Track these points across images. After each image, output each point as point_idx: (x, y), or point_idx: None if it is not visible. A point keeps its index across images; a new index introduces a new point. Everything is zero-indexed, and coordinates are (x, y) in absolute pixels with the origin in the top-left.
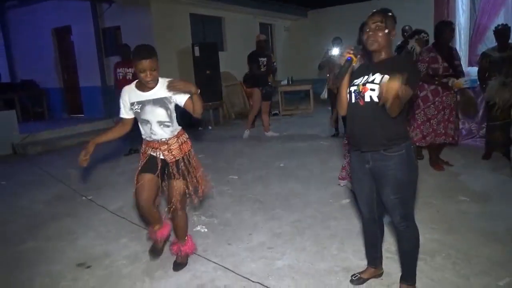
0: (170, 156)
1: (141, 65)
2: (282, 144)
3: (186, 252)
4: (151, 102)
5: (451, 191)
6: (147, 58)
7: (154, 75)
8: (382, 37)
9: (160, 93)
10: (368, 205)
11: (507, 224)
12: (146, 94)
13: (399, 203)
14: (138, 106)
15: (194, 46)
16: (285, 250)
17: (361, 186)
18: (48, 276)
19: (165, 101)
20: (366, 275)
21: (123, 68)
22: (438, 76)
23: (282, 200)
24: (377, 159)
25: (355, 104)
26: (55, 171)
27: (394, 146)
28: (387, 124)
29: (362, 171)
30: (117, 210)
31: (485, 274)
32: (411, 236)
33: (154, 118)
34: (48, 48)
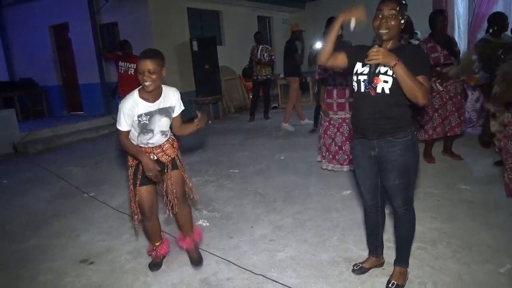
0: (165, 156)
1: (141, 64)
2: (282, 137)
3: (196, 243)
4: (157, 112)
5: (451, 180)
6: (147, 58)
7: (152, 79)
8: (395, 26)
9: (166, 102)
10: (371, 192)
11: (508, 212)
12: (153, 104)
13: (403, 188)
14: (147, 117)
15: (193, 40)
16: (286, 242)
17: (365, 173)
18: (52, 273)
19: (169, 111)
20: (368, 264)
21: (125, 63)
22: (440, 65)
23: (283, 192)
24: (383, 145)
25: (364, 93)
26: (56, 169)
27: (401, 132)
28: (396, 113)
29: (367, 158)
30: (119, 206)
31: (486, 262)
32: (409, 220)
33: (159, 128)
34: (45, 46)
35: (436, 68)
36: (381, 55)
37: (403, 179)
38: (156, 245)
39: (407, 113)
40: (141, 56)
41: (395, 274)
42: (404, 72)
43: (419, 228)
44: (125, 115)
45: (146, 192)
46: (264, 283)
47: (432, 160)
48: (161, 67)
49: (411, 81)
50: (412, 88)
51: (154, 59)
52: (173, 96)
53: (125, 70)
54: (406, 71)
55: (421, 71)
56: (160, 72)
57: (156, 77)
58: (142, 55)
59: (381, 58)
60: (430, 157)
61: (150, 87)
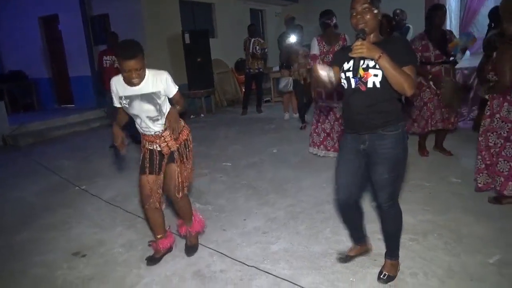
0: (166, 149)
1: (125, 65)
2: (274, 131)
3: (196, 231)
4: (139, 98)
5: (443, 173)
6: (131, 58)
7: (139, 74)
8: (371, 19)
9: (147, 88)
10: (349, 187)
11: (497, 204)
12: (134, 89)
13: (391, 182)
14: (126, 101)
15: (185, 33)
16: (279, 234)
17: (349, 167)
18: (44, 266)
19: (153, 96)
20: (353, 252)
21: (110, 56)
22: (431, 64)
23: (275, 185)
24: (374, 139)
25: (354, 89)
26: (47, 162)
27: (391, 126)
28: (387, 106)
29: (355, 152)
30: (111, 199)
31: (477, 252)
32: (394, 216)
33: (143, 113)
34: (35, 38)
35: (427, 66)
36: (365, 48)
37: (392, 173)
38: (158, 237)
39: (397, 106)
40: (122, 56)
41: (386, 266)
42: (389, 64)
43: (411, 220)
44: (113, 94)
45: (145, 181)
46: (257, 275)
47: (425, 153)
48: (144, 59)
49: (397, 73)
50: (398, 79)
51: (137, 56)
52: (157, 81)
53: (110, 64)
54: (391, 63)
55: (406, 61)
56: (144, 64)
57: (143, 71)
58: (124, 55)
59: (365, 51)
60: (424, 150)
61: (137, 82)
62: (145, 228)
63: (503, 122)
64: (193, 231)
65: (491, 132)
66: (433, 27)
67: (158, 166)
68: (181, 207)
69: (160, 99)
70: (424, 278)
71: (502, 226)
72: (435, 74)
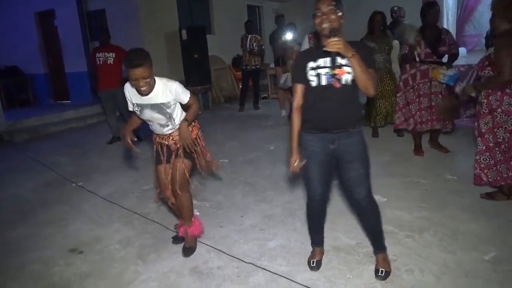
0: (173, 145)
1: (132, 73)
2: (271, 127)
3: (194, 235)
4: (149, 107)
5: (439, 170)
6: (137, 67)
7: (147, 83)
8: (336, 20)
9: (157, 98)
10: (322, 186)
11: (493, 201)
12: (144, 98)
13: (366, 176)
14: (138, 108)
15: (182, 29)
16: (276, 231)
17: (321, 168)
18: (40, 262)
19: (163, 107)
20: (318, 256)
21: (103, 53)
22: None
23: (273, 182)
24: (342, 137)
25: (326, 87)
26: (43, 158)
27: (357, 123)
28: (355, 104)
29: (326, 152)
30: (108, 195)
31: (472, 249)
32: (375, 209)
33: (155, 120)
34: (31, 33)
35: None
36: (342, 44)
37: (367, 167)
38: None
39: (360, 103)
40: (129, 65)
41: (381, 261)
42: (360, 64)
43: (407, 217)
44: (127, 99)
45: (161, 170)
46: (254, 271)
47: (420, 153)
48: (152, 67)
49: (366, 73)
50: (366, 80)
51: (145, 64)
52: (167, 92)
53: (104, 61)
54: (361, 62)
55: (369, 64)
56: (152, 72)
57: (151, 79)
58: (131, 63)
59: (342, 47)
60: (419, 149)
61: (146, 91)
62: (142, 224)
63: (506, 116)
64: (191, 233)
65: (497, 128)
66: (426, 25)
67: (168, 158)
68: (182, 204)
69: (170, 108)
70: (420, 274)
71: (498, 224)
72: (423, 73)
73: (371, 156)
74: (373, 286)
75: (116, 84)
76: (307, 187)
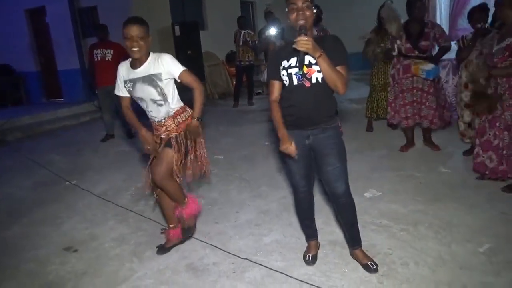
0: (166, 135)
1: (127, 30)
2: (266, 123)
3: (190, 214)
4: (141, 80)
5: (433, 163)
6: (134, 23)
7: (140, 45)
8: (310, 16)
9: (149, 70)
10: (305, 178)
11: (487, 193)
12: (137, 71)
13: (343, 170)
14: (130, 84)
15: (175, 25)
16: (272, 226)
17: (301, 162)
18: (35, 261)
19: (154, 78)
20: (314, 251)
21: (101, 49)
22: (402, 55)
23: (268, 177)
24: (317, 133)
25: (297, 86)
26: (37, 157)
27: (331, 119)
28: (329, 102)
29: (302, 147)
30: (102, 193)
31: (466, 241)
32: (352, 204)
33: (147, 96)
34: (22, 31)
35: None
36: (311, 44)
37: (343, 161)
38: (170, 226)
39: (333, 99)
40: (127, 22)
41: (364, 256)
42: (327, 63)
43: (402, 210)
44: (119, 79)
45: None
46: (250, 267)
47: (403, 148)
48: (147, 34)
49: (333, 72)
50: (333, 78)
51: (141, 25)
52: (158, 63)
53: (101, 57)
54: (328, 62)
55: (340, 61)
56: (147, 38)
57: (144, 44)
58: (128, 21)
59: (311, 47)
60: (405, 146)
61: (137, 54)
62: (137, 222)
63: None
64: (187, 214)
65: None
66: (412, 18)
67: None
68: (169, 192)
69: (162, 81)
70: (415, 267)
71: (492, 216)
72: (404, 68)
73: (365, 150)
74: (369, 279)
75: (113, 80)
76: (291, 182)
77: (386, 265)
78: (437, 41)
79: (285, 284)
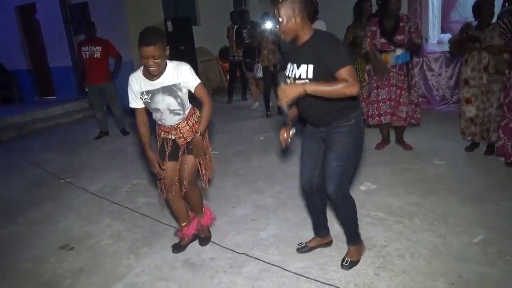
0: (181, 139)
1: (143, 51)
2: (261, 118)
3: (207, 224)
4: (160, 91)
5: (427, 156)
6: (149, 45)
7: (157, 64)
8: (292, 26)
9: (169, 80)
10: (308, 173)
11: (480, 185)
12: (155, 83)
13: (338, 171)
14: (148, 95)
15: (167, 21)
16: (268, 221)
17: (311, 153)
18: (31, 260)
19: (174, 89)
20: (312, 243)
21: (89, 47)
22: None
23: (263, 173)
24: (329, 129)
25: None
26: (31, 156)
27: (343, 117)
28: (331, 106)
29: (316, 138)
30: (97, 191)
31: (461, 233)
32: (345, 206)
33: (165, 107)
34: (12, 28)
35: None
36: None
37: (340, 161)
38: (182, 225)
39: (343, 102)
40: (143, 42)
41: (349, 252)
42: (317, 89)
43: (397, 203)
44: (132, 92)
45: (168, 168)
46: (247, 261)
47: (379, 146)
48: (165, 48)
49: (329, 90)
50: (334, 95)
51: (158, 43)
52: (177, 73)
53: (90, 55)
54: (317, 87)
55: (341, 64)
56: (164, 54)
57: (161, 61)
58: (144, 41)
59: (288, 96)
60: (380, 143)
61: (155, 72)
62: (133, 218)
63: None
64: (204, 222)
65: None
66: (386, 14)
67: (174, 154)
68: (192, 199)
69: (182, 91)
70: (411, 259)
71: (485, 207)
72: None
73: None
74: (365, 272)
75: (103, 78)
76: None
77: (382, 257)
78: (411, 35)
79: (282, 278)
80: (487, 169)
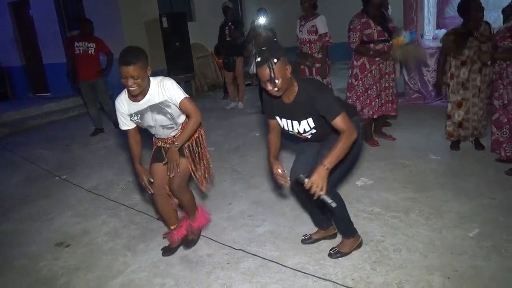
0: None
1: (122, 71)
2: (256, 114)
3: (199, 226)
4: (149, 110)
5: (422, 151)
6: (128, 64)
7: (138, 83)
8: (280, 84)
9: (154, 98)
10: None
11: (475, 180)
12: (141, 103)
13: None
14: (137, 116)
15: (162, 17)
16: (265, 217)
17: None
18: (27, 257)
19: (162, 106)
20: (316, 236)
21: (84, 42)
22: (374, 42)
23: (259, 168)
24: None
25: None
26: (25, 153)
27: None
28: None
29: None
30: (93, 188)
31: (456, 227)
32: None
33: (158, 123)
34: (5, 24)
35: (369, 44)
36: (319, 183)
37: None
38: (171, 228)
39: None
40: (122, 61)
41: (341, 243)
42: (335, 160)
43: (393, 198)
44: (120, 115)
45: (157, 169)
46: (244, 257)
47: (375, 142)
48: (145, 68)
49: (342, 153)
50: (345, 151)
51: (137, 63)
52: (162, 90)
53: (84, 50)
54: (333, 158)
55: (335, 113)
56: (145, 73)
57: (141, 81)
58: (123, 61)
59: (323, 184)
60: (372, 139)
61: (135, 92)
62: (129, 215)
63: None
64: (195, 226)
65: None
66: (370, 6)
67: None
68: (183, 202)
69: (170, 107)
70: (407, 253)
71: (480, 202)
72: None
73: None
74: (362, 267)
75: (95, 75)
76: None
77: (378, 252)
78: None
79: (279, 274)
80: (482, 163)
